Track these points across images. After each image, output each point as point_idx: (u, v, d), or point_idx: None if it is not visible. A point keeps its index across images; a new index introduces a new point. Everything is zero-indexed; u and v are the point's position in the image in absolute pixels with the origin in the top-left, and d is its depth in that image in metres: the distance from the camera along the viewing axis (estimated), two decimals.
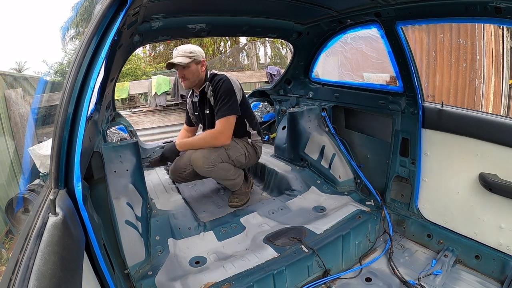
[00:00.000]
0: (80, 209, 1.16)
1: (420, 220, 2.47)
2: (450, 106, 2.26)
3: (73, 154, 1.15)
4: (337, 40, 3.09)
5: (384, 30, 2.33)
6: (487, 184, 2.01)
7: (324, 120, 3.29)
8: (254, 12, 2.78)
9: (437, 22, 2.13)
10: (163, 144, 3.93)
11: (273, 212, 2.66)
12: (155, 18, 2.47)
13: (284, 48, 17.43)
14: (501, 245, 2.01)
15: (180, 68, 2.69)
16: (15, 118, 5.41)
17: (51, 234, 0.91)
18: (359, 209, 2.55)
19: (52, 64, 18.77)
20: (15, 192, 4.82)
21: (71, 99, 1.16)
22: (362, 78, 3.06)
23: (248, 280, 1.84)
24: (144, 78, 12.49)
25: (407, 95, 2.42)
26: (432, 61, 7.23)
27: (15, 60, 40.76)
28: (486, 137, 2.03)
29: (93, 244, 1.21)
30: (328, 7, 2.59)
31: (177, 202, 2.69)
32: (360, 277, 2.17)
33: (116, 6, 1.24)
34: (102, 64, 1.23)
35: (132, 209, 2.11)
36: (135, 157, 2.28)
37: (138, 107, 9.72)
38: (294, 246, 2.13)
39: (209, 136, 2.69)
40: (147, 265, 2.01)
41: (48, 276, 0.79)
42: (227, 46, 18.81)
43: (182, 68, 2.68)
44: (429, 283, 2.03)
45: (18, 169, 5.38)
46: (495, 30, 6.59)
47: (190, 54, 2.66)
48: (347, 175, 3.00)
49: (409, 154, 2.49)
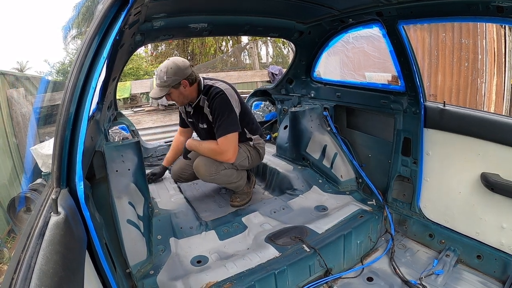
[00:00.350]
0: (82, 208, 1.16)
1: (422, 220, 2.47)
2: (452, 106, 2.26)
3: (75, 154, 1.15)
4: (339, 39, 3.09)
5: (386, 29, 2.32)
6: (489, 184, 2.01)
7: (326, 120, 3.28)
8: (256, 11, 2.78)
9: (439, 21, 2.12)
10: (164, 143, 3.94)
11: (275, 211, 2.66)
12: (156, 17, 2.47)
13: (286, 48, 17.41)
14: (503, 245, 2.01)
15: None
16: (17, 117, 5.42)
17: (53, 233, 0.92)
18: (360, 208, 2.55)
19: (54, 63, 18.77)
20: (17, 192, 4.84)
21: (73, 99, 1.16)
22: (364, 78, 3.05)
23: (249, 279, 1.84)
24: (146, 77, 12.52)
25: (409, 95, 2.42)
26: (434, 60, 7.21)
27: (17, 60, 40.85)
28: (488, 137, 2.02)
29: (95, 243, 1.21)
30: (330, 7, 2.58)
31: (179, 202, 2.69)
32: (362, 276, 2.17)
33: (118, 5, 1.24)
34: (104, 64, 1.23)
35: (134, 209, 2.11)
36: (136, 157, 2.28)
37: (140, 107, 9.74)
38: (295, 245, 2.13)
39: (214, 152, 2.59)
40: (149, 264, 2.01)
41: (50, 275, 0.79)
42: (229, 45, 18.81)
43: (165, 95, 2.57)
44: (430, 283, 2.03)
45: (20, 169, 5.40)
46: (497, 29, 6.56)
47: (165, 83, 2.48)
48: (349, 175, 3.00)
49: (411, 154, 2.48)
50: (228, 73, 10.86)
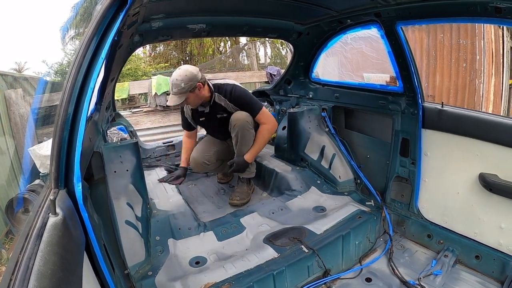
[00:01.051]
0: (80, 209, 1.16)
1: (420, 220, 2.47)
2: (450, 106, 2.26)
3: (73, 154, 1.15)
4: (337, 40, 3.09)
5: (384, 30, 2.33)
6: (487, 184, 2.01)
7: (324, 120, 3.29)
8: (254, 12, 2.78)
9: (437, 22, 2.13)
10: (163, 144, 3.93)
11: (273, 212, 2.65)
12: (155, 18, 2.47)
13: (284, 48, 17.41)
14: (501, 245, 2.01)
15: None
16: (15, 118, 5.41)
17: (51, 234, 0.91)
18: (359, 209, 2.55)
19: (52, 64, 18.74)
20: (15, 193, 4.82)
21: (71, 99, 1.16)
22: (362, 78, 3.06)
23: (248, 280, 1.83)
24: (144, 78, 12.47)
25: (407, 95, 2.42)
26: (432, 61, 7.23)
27: (15, 61, 40.73)
28: (486, 137, 2.03)
29: (93, 244, 1.21)
30: (328, 7, 2.59)
31: (177, 202, 2.69)
32: (360, 277, 2.17)
33: (116, 6, 1.23)
34: (102, 64, 1.23)
35: (132, 209, 2.11)
36: (135, 157, 2.28)
37: (138, 107, 9.71)
38: (294, 246, 2.13)
39: (267, 132, 2.97)
40: (147, 265, 2.01)
41: (48, 276, 0.79)
42: (227, 46, 18.80)
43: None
44: (429, 283, 2.03)
45: (18, 170, 5.38)
46: (495, 30, 6.58)
47: (183, 90, 2.64)
48: (347, 175, 3.00)
49: (409, 154, 2.49)
50: (227, 74, 10.85)
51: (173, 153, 3.86)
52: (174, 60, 18.44)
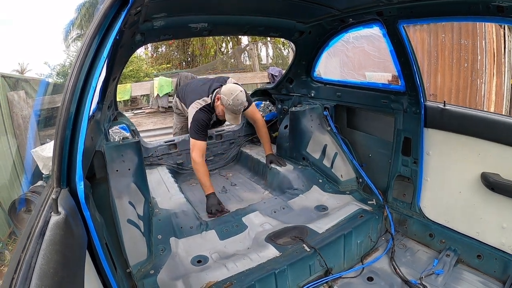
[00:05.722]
0: (82, 208, 1.16)
1: (422, 220, 2.46)
2: (452, 106, 2.26)
3: (75, 153, 1.15)
4: (339, 39, 3.09)
5: (386, 29, 2.32)
6: (489, 184, 2.01)
7: (326, 119, 3.28)
8: (256, 11, 2.78)
9: (439, 21, 2.13)
10: (164, 143, 3.93)
11: (275, 211, 2.65)
12: (156, 17, 2.47)
13: (286, 49, 17.38)
14: (503, 244, 2.00)
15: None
16: (17, 120, 5.41)
17: (53, 233, 0.92)
18: (361, 208, 2.55)
19: (54, 66, 18.75)
20: (18, 194, 4.83)
21: (73, 98, 1.16)
22: (364, 77, 3.05)
23: (250, 279, 1.84)
24: (146, 79, 12.50)
25: (409, 94, 2.41)
26: (433, 61, 7.21)
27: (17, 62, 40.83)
28: (488, 137, 2.02)
29: (95, 243, 1.21)
30: (330, 6, 2.58)
31: (179, 201, 2.69)
32: (362, 276, 2.17)
33: (118, 5, 1.23)
34: (104, 64, 1.23)
35: (134, 208, 2.12)
36: (137, 156, 2.28)
37: (140, 109, 9.76)
38: (296, 245, 2.13)
39: (265, 127, 3.52)
40: (149, 264, 2.02)
41: (50, 275, 0.79)
42: (229, 47, 18.81)
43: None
44: (431, 282, 2.03)
45: (20, 171, 5.39)
46: (497, 29, 6.55)
47: (243, 107, 3.06)
48: (349, 174, 3.00)
49: (411, 154, 2.48)
50: (228, 75, 10.84)
51: (175, 152, 3.86)
52: (176, 61, 18.48)
